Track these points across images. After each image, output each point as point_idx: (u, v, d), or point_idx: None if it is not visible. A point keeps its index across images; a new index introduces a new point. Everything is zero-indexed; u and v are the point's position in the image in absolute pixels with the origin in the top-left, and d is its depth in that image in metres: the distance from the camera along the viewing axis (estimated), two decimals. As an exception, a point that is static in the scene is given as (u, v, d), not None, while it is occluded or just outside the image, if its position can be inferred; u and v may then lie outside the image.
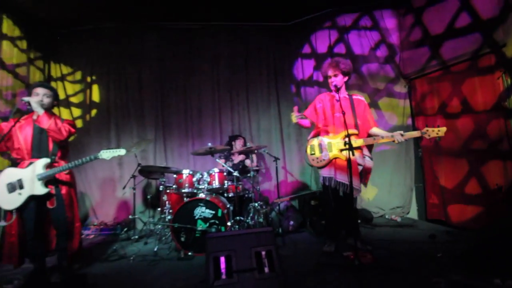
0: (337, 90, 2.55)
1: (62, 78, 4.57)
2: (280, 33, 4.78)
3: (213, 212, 2.82)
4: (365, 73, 4.31)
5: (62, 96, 4.52)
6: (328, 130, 2.63)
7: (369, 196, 4.15)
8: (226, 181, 3.22)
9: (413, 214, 3.95)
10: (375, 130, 2.60)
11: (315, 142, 2.63)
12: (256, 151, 3.45)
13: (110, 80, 4.60)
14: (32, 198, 2.23)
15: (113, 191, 4.43)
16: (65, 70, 4.62)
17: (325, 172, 2.57)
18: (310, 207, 3.39)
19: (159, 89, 4.63)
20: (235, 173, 3.11)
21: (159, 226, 3.37)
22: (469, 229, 3.04)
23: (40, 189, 2.22)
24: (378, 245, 2.68)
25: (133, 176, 3.55)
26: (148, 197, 3.83)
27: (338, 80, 2.59)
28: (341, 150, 2.48)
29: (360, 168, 2.51)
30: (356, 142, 2.44)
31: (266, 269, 1.56)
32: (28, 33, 4.14)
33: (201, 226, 2.78)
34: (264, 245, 1.64)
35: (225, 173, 3.24)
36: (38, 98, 2.30)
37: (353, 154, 2.17)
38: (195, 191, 3.14)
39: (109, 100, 4.59)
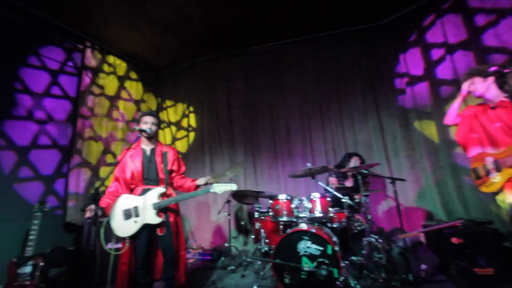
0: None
1: (168, 113, 5.08)
2: (372, 35, 4.07)
3: (321, 248, 2.25)
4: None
5: (168, 134, 4.97)
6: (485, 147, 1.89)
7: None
8: (330, 209, 2.63)
9: None
10: None
11: (477, 163, 1.98)
12: (364, 171, 2.76)
13: (204, 108, 4.79)
14: (145, 226, 2.19)
15: (208, 215, 4.40)
16: (169, 103, 5.11)
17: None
18: (452, 246, 2.41)
19: (246, 111, 4.54)
20: (345, 199, 2.48)
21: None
22: None
23: (154, 218, 2.18)
24: None
25: (228, 201, 3.35)
26: (242, 223, 3.56)
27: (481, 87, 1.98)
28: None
29: None
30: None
31: None
32: (141, 76, 4.84)
33: (307, 265, 2.24)
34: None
35: (328, 199, 2.67)
36: (147, 126, 2.34)
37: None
38: (294, 219, 2.66)
39: (203, 127, 4.76)
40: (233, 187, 2.16)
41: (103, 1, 3.27)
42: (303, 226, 2.46)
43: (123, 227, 2.19)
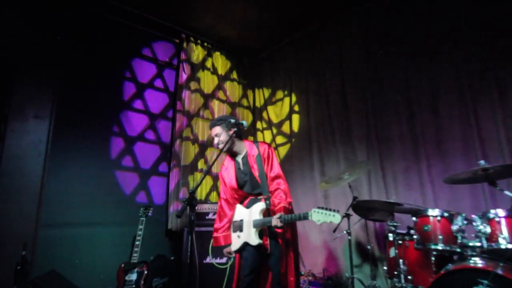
0: None
1: (266, 105, 5.26)
2: None
3: (518, 304, 1.63)
4: None
5: (268, 137, 5.19)
6: None
7: None
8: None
9: None
10: None
11: None
12: None
13: (309, 93, 4.67)
14: (247, 244, 2.30)
15: (319, 233, 4.18)
16: (267, 93, 5.30)
17: None
18: None
19: (367, 92, 4.05)
20: None
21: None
22: None
23: (253, 238, 2.25)
24: None
25: (347, 215, 3.03)
26: (368, 247, 3.16)
27: None
28: None
29: None
30: None
31: None
32: (236, 64, 5.26)
33: (491, 327, 1.67)
34: None
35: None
36: (215, 142, 2.45)
37: None
38: (458, 249, 2.11)
39: (309, 118, 4.63)
40: (336, 218, 1.96)
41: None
42: (477, 262, 1.90)
43: (233, 239, 2.41)
